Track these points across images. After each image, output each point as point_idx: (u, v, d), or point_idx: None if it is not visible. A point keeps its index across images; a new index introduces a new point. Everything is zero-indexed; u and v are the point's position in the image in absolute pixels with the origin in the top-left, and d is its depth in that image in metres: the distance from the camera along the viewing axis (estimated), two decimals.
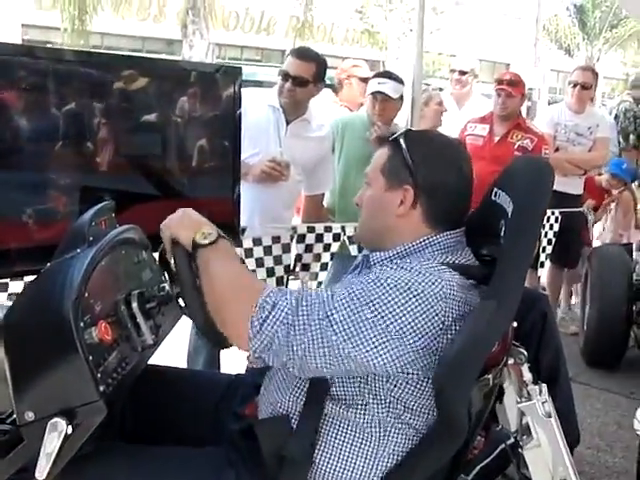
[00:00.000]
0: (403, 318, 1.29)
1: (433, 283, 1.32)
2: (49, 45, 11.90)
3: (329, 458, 1.39)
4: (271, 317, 1.30)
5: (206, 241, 1.39)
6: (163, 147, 2.19)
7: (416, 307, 1.30)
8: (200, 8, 14.70)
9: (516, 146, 3.88)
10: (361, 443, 1.38)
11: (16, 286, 2.12)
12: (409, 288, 1.30)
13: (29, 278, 1.96)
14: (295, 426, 1.40)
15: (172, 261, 1.44)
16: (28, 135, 1.86)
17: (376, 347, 1.28)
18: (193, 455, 1.50)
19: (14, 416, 1.47)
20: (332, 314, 1.30)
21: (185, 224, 1.43)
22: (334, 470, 1.38)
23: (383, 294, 1.31)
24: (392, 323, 1.29)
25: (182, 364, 2.93)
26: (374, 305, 1.30)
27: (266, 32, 22.02)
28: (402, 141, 1.49)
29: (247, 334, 1.30)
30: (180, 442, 1.59)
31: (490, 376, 1.43)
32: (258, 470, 1.39)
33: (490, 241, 1.50)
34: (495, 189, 1.52)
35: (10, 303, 2.09)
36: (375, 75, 3.46)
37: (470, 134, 4.06)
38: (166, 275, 1.53)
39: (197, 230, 1.40)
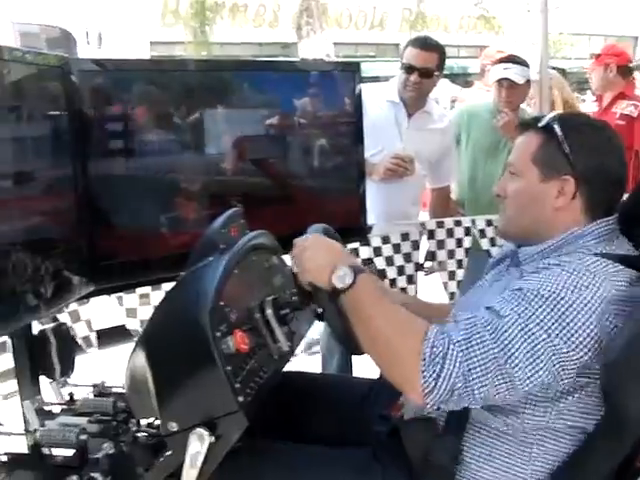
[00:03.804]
0: (576, 334, 1.22)
1: (599, 286, 1.24)
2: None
3: (476, 467, 1.33)
4: (445, 370, 1.20)
5: (345, 285, 1.28)
6: (287, 149, 2.19)
7: (584, 317, 1.22)
8: (313, 9, 14.82)
9: (618, 115, 3.75)
10: (511, 451, 1.31)
11: (157, 296, 2.19)
12: (575, 300, 1.23)
13: (168, 287, 2.01)
14: (441, 429, 1.35)
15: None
16: (157, 146, 1.91)
17: (556, 369, 1.22)
18: (338, 454, 1.48)
19: (157, 422, 1.52)
20: (508, 348, 1.21)
21: (318, 267, 1.32)
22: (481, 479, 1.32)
23: (552, 310, 1.23)
24: (566, 340, 1.22)
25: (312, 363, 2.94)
26: (545, 324, 1.22)
27: (379, 27, 21.92)
28: (557, 127, 1.39)
29: (421, 389, 1.21)
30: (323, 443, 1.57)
31: None
32: (405, 470, 1.36)
33: None
34: None
35: None
36: (499, 60, 3.32)
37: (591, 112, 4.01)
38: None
39: (332, 272, 1.30)
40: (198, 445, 1.23)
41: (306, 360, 3.64)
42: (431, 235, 2.94)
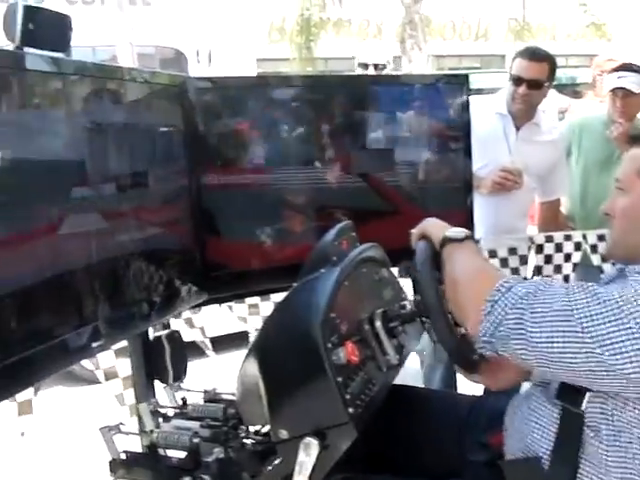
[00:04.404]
0: None
1: None
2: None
3: None
4: (503, 299, 1.21)
5: (457, 236, 1.38)
6: (393, 162, 2.19)
7: None
8: (417, 22, 14.75)
9: None
10: None
11: (266, 307, 2.24)
12: None
13: (277, 298, 2.06)
14: (548, 467, 1.27)
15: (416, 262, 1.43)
16: (267, 159, 1.96)
17: (626, 349, 1.11)
18: None
19: (264, 430, 1.55)
20: (574, 306, 1.16)
21: (437, 225, 1.46)
22: None
23: (632, 296, 1.14)
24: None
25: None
26: (621, 303, 1.13)
27: (484, 38, 21.58)
28: None
29: (479, 317, 1.23)
30: (422, 467, 1.55)
31: None
32: None
33: None
34: None
35: None
36: (614, 69, 3.20)
37: None
38: (412, 289, 1.49)
39: (448, 229, 1.41)
40: (307, 454, 1.25)
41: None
42: (539, 249, 2.86)
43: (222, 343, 2.94)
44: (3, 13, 1.29)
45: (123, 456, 1.58)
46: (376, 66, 3.46)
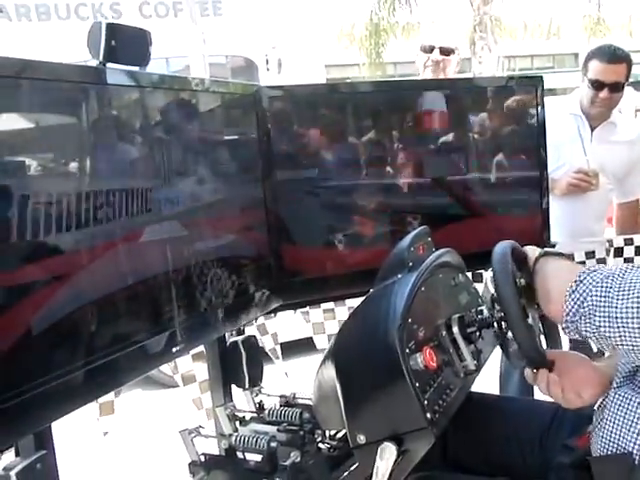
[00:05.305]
0: None
1: None
2: (348, 80, 12.74)
3: None
4: (588, 278, 1.21)
5: (551, 251, 1.39)
6: (464, 166, 2.17)
7: None
8: (487, 23, 14.55)
9: None
10: None
11: (341, 312, 2.25)
12: None
13: (351, 302, 2.06)
14: (638, 462, 1.24)
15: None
16: (337, 165, 1.97)
17: None
18: None
19: (340, 434, 1.56)
20: None
21: (533, 246, 1.45)
22: None
23: None
24: None
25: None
26: None
27: (556, 36, 21.11)
28: None
29: (563, 297, 1.23)
30: (500, 469, 1.53)
31: None
32: None
33: None
34: None
35: None
36: None
37: None
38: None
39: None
40: (385, 458, 1.24)
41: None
42: (618, 253, 2.79)
43: (292, 348, 2.97)
44: (88, 31, 1.34)
45: (202, 458, 1.62)
46: (443, 51, 3.06)
